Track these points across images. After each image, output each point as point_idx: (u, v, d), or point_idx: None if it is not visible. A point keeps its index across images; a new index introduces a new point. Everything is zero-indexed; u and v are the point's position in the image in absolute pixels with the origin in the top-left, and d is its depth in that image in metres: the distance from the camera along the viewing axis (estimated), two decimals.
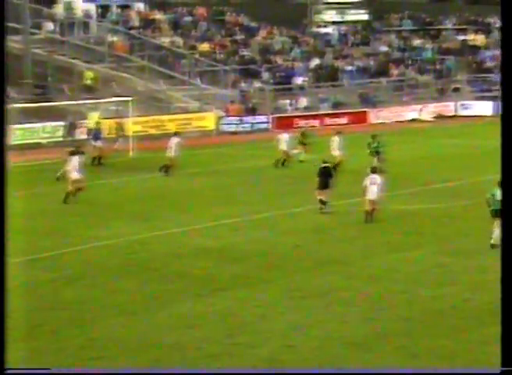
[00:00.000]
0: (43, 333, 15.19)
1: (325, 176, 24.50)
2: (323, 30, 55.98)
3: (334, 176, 24.75)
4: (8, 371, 10.22)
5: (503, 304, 9.51)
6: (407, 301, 16.79)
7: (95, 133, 34.41)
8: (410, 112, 49.84)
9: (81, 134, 38.72)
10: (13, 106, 37.21)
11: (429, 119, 49.57)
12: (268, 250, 20.98)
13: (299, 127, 43.82)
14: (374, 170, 24.62)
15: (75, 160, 26.59)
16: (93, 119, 39.34)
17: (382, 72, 52.73)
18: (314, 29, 56.12)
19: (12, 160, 37.72)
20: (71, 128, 39.28)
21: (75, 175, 26.39)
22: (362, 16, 58.04)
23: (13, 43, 44.81)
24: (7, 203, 10.78)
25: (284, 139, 32.56)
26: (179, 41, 50.32)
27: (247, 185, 29.73)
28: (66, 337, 14.96)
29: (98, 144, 33.72)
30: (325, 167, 24.78)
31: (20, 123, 38.27)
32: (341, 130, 34.35)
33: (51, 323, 15.69)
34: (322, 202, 24.43)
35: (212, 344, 14.54)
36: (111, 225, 23.68)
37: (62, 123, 39.53)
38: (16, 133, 37.95)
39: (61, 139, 38.70)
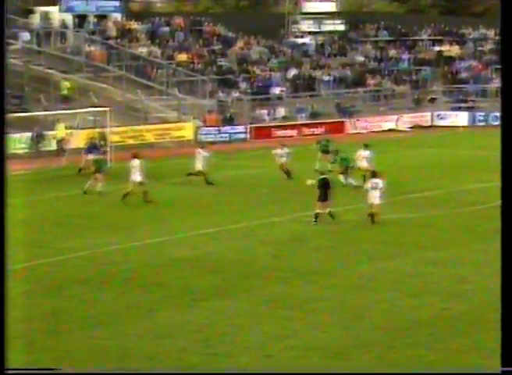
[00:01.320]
0: (19, 345, 15.03)
1: (325, 188, 24.45)
2: (300, 40, 56.17)
3: (332, 187, 24.74)
4: (9, 371, 10.12)
5: (502, 304, 9.52)
6: (386, 310, 16.82)
7: (92, 147, 34.25)
8: (386, 122, 50.10)
9: (51, 145, 38.65)
10: None
11: (406, 130, 49.84)
12: (247, 260, 20.94)
13: (276, 137, 43.92)
14: (374, 174, 24.85)
15: (137, 163, 27.84)
16: (60, 129, 39.19)
17: (359, 82, 52.99)
18: (292, 39, 56.30)
19: None
20: (38, 138, 39.08)
21: (137, 178, 27.44)
22: (339, 26, 58.31)
23: None
24: (7, 212, 10.67)
25: (280, 154, 32.12)
26: (157, 50, 50.26)
27: (225, 195, 29.70)
28: (43, 349, 14.83)
29: (89, 157, 33.61)
30: (323, 179, 24.71)
31: None
32: (368, 142, 34.13)
33: (27, 334, 15.53)
34: (316, 216, 24.33)
35: (190, 354, 14.48)
36: (88, 235, 23.55)
37: (51, 133, 39.38)
38: None
39: (52, 149, 38.60)
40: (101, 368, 13.99)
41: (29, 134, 39.36)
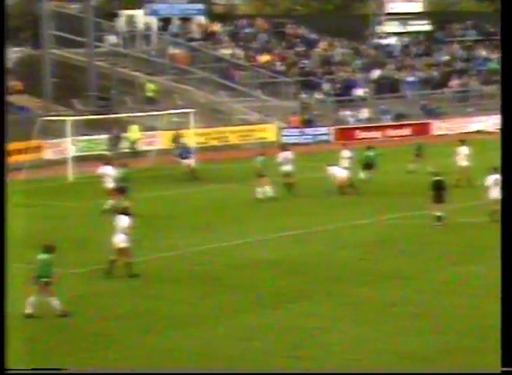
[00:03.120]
0: (107, 342, 15.22)
1: (439, 189, 24.00)
2: (384, 41, 55.55)
3: (447, 189, 24.27)
4: (8, 371, 10.24)
5: (502, 305, 9.24)
6: (475, 315, 16.39)
7: (184, 151, 34.49)
8: (474, 124, 48.97)
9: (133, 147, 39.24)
10: (78, 118, 37.72)
11: (495, 131, 48.63)
12: (331, 263, 20.75)
13: (360, 139, 43.47)
14: (495, 170, 24.37)
15: (286, 154, 29.30)
16: (133, 131, 39.64)
17: (445, 83, 52.03)
18: (376, 40, 55.72)
19: (77, 171, 37.92)
20: (116, 140, 39.58)
21: (288, 168, 29.14)
22: (424, 26, 57.40)
23: (77, 56, 45.50)
24: (7, 209, 10.80)
25: (345, 155, 31.26)
26: (240, 52, 50.41)
27: (308, 197, 29.46)
28: (130, 347, 14.97)
29: (187, 162, 33.76)
30: (438, 180, 24.23)
31: (84, 135, 38.73)
32: (465, 138, 33.73)
33: (114, 332, 15.74)
34: (438, 218, 23.93)
35: (275, 357, 14.38)
36: (172, 236, 23.71)
37: (125, 135, 39.95)
38: (81, 145, 38.40)
39: (127, 150, 39.10)
40: (188, 368, 14.01)
41: (110, 136, 39.93)
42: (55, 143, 37.61)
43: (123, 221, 19.18)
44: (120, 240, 19.04)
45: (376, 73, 51.35)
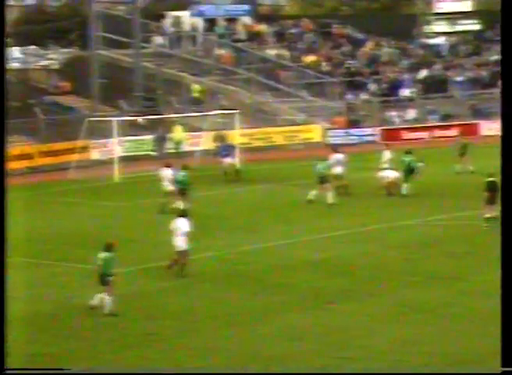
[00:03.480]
0: (154, 341, 15.31)
1: (493, 190, 23.61)
2: (432, 41, 55.00)
3: (499, 190, 23.88)
4: (8, 371, 10.28)
5: (503, 305, 8.99)
6: None
7: (226, 149, 34.44)
8: None
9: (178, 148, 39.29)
10: (125, 118, 38.00)
11: None
12: (376, 263, 20.59)
13: (407, 140, 43.08)
14: None
15: (338, 157, 29.41)
16: (177, 132, 39.72)
17: (494, 82, 51.27)
18: (423, 40, 55.20)
19: (123, 171, 38.21)
20: (161, 141, 39.71)
21: (338, 170, 28.99)
22: (473, 25, 56.67)
23: (124, 57, 45.88)
24: (7, 205, 10.83)
25: (386, 157, 30.57)
26: (285, 53, 50.33)
27: (353, 197, 29.25)
28: (175, 346, 15.03)
29: (228, 160, 33.71)
30: (492, 181, 23.79)
31: (131, 135, 39.01)
32: None
33: (161, 331, 15.82)
34: (489, 220, 23.60)
35: (319, 357, 14.34)
36: (217, 236, 23.75)
37: (170, 135, 40.14)
38: (126, 145, 38.69)
39: (172, 151, 39.24)
40: (232, 368, 14.00)
41: (156, 136, 40.09)
42: (101, 143, 37.94)
43: (183, 223, 19.22)
44: (180, 242, 19.11)
45: (423, 73, 50.88)
